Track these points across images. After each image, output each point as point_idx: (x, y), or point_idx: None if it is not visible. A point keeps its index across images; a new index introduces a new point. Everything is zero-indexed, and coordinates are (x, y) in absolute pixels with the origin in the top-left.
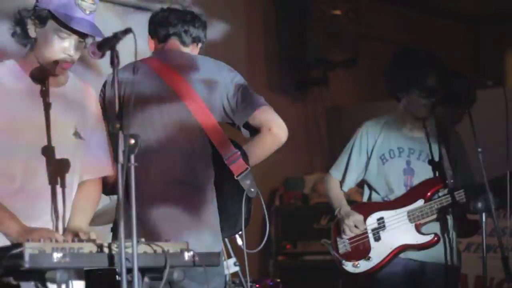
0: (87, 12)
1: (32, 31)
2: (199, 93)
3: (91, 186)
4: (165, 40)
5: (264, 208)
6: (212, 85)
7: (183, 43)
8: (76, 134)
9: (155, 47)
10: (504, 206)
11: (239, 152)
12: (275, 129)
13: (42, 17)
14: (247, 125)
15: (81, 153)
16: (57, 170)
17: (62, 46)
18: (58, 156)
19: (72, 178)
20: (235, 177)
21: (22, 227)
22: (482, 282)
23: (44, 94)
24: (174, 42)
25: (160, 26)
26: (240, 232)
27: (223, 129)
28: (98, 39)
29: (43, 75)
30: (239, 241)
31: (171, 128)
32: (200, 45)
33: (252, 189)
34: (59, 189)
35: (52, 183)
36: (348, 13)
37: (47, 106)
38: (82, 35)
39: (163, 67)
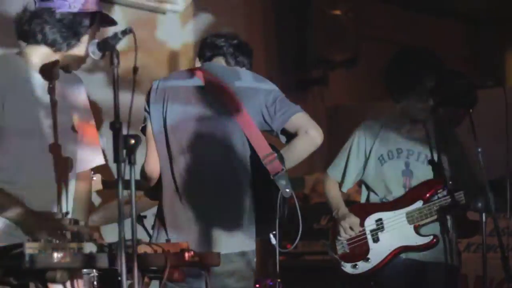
0: None
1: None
2: (240, 99)
3: (84, 178)
4: (210, 59)
5: (298, 208)
6: (253, 93)
7: (227, 63)
8: (73, 129)
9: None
10: (503, 209)
11: (275, 154)
12: (311, 132)
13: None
14: (284, 132)
15: (77, 146)
16: (61, 165)
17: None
18: (60, 150)
19: (72, 173)
20: (271, 177)
21: (27, 209)
22: (482, 282)
23: (50, 91)
24: (218, 60)
25: (206, 48)
26: (274, 232)
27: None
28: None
29: (46, 76)
30: (273, 240)
31: (212, 129)
32: (233, 67)
33: (287, 190)
34: (63, 185)
35: (57, 177)
36: (348, 13)
37: (53, 103)
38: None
39: (206, 74)
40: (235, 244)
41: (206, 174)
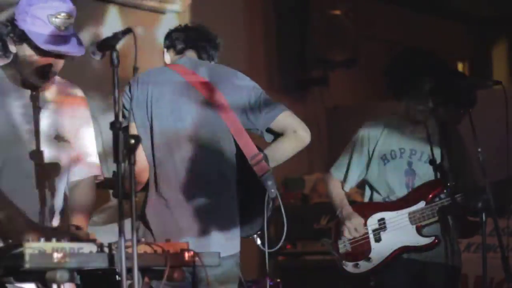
0: (62, 28)
1: (12, 47)
2: (224, 96)
3: (85, 185)
4: (182, 52)
5: (282, 208)
6: (236, 91)
7: (199, 57)
8: (58, 137)
9: (171, 60)
10: (504, 215)
11: (262, 154)
12: (300, 131)
13: (19, 35)
14: (269, 130)
15: (67, 155)
16: (43, 172)
17: (42, 61)
18: (41, 159)
19: (58, 180)
20: (258, 177)
21: (33, 224)
22: (482, 282)
23: (33, 99)
24: (191, 54)
25: (178, 40)
26: (259, 232)
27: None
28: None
29: (25, 83)
30: (258, 241)
31: (200, 129)
32: (212, 63)
33: (273, 190)
34: (46, 192)
35: (39, 185)
36: (348, 13)
37: (36, 112)
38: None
39: (188, 72)
40: (224, 248)
41: (194, 178)
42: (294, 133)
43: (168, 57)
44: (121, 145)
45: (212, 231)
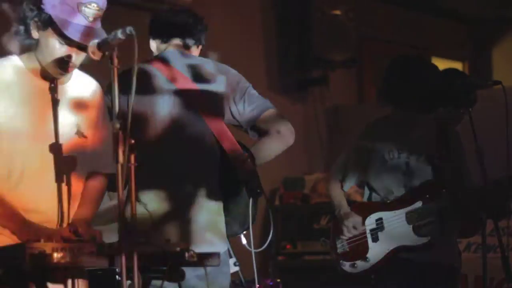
0: (91, 19)
1: (35, 32)
2: (207, 95)
3: (96, 179)
4: (167, 41)
5: (270, 208)
6: (219, 88)
7: (186, 46)
8: (79, 133)
9: (157, 48)
10: (506, 214)
11: (246, 154)
12: (283, 132)
13: (44, 20)
14: (253, 127)
15: (84, 151)
16: (61, 166)
17: (63, 51)
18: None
19: (75, 175)
20: (242, 179)
21: (24, 224)
22: (482, 282)
23: (51, 91)
24: (177, 43)
25: (162, 28)
26: (244, 232)
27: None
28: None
29: (45, 75)
30: (244, 240)
31: (180, 129)
32: (200, 47)
33: (259, 190)
34: (63, 186)
35: (56, 179)
36: (348, 13)
37: (55, 103)
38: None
39: (170, 69)
40: (206, 248)
41: (173, 180)
42: (277, 133)
43: (154, 45)
44: (121, 145)
45: (190, 233)
